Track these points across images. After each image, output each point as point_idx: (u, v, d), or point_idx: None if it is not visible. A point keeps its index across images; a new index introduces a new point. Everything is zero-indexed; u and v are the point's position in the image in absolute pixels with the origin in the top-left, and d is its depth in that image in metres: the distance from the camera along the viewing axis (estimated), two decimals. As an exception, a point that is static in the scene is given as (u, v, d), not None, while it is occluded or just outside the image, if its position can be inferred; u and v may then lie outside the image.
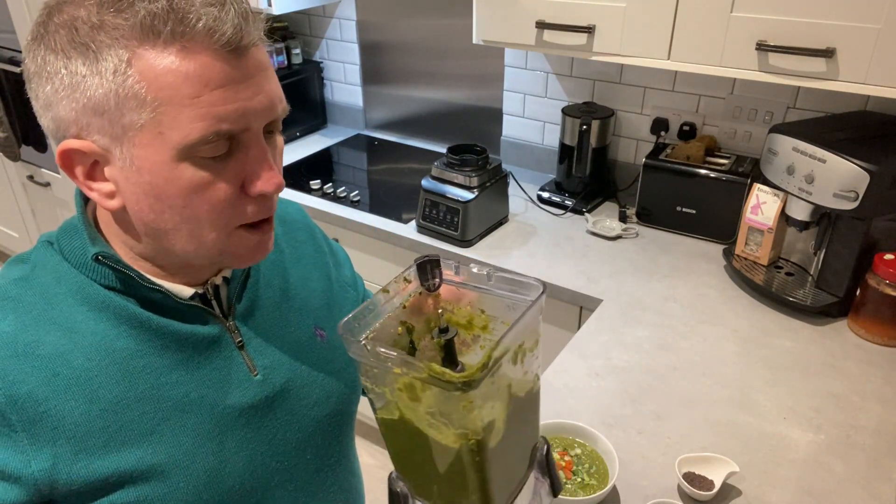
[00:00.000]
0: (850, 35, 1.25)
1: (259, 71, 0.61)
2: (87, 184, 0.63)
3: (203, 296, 0.73)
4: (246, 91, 0.60)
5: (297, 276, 0.85)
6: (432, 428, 0.62)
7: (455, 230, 1.71)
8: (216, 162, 0.61)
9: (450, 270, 0.70)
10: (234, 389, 0.73)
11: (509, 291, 0.68)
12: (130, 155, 0.60)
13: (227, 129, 0.59)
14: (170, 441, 0.68)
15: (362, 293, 1.00)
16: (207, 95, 0.58)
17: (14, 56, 2.50)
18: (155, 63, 0.57)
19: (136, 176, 0.61)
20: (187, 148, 0.59)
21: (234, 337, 0.74)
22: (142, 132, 0.58)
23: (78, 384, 0.64)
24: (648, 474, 1.06)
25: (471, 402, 0.57)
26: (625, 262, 1.65)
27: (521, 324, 0.61)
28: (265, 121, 0.63)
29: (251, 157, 0.63)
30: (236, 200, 0.64)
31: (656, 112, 1.88)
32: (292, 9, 2.18)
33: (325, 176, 2.15)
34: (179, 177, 0.60)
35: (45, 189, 2.76)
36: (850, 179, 1.30)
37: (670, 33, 1.45)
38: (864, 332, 1.37)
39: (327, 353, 0.83)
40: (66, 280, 0.67)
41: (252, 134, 0.62)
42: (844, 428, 1.14)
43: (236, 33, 0.58)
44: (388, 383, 0.63)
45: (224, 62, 0.58)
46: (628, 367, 1.30)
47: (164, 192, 0.61)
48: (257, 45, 0.62)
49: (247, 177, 0.63)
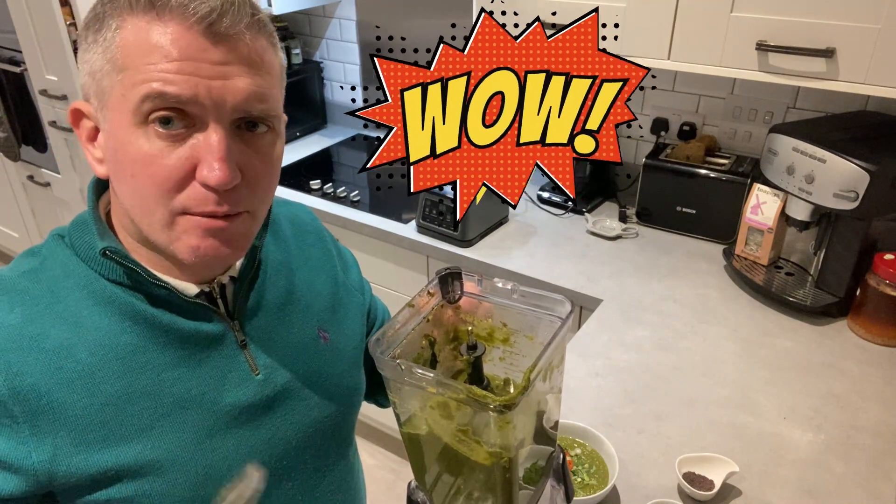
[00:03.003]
0: (850, 35, 1.25)
1: (240, 62, 0.61)
2: (87, 146, 0.67)
3: (209, 294, 0.73)
4: (210, 71, 0.60)
5: (304, 277, 0.85)
6: (462, 444, 0.63)
7: (455, 230, 1.71)
8: (171, 138, 0.61)
9: (472, 283, 0.71)
10: (234, 388, 0.73)
11: (533, 307, 0.69)
12: (106, 118, 0.63)
13: (169, 92, 0.59)
14: (169, 437, 0.68)
15: (369, 298, 1.00)
16: (161, 62, 0.59)
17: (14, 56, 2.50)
18: (132, 30, 0.60)
19: (109, 140, 0.64)
20: (137, 109, 0.60)
21: (237, 336, 0.74)
22: (112, 95, 0.61)
23: (81, 378, 0.65)
24: (648, 474, 1.06)
25: (507, 423, 0.58)
26: (625, 262, 1.65)
27: (554, 343, 0.62)
28: (233, 111, 0.62)
29: (207, 144, 0.61)
30: (182, 181, 0.62)
31: (656, 112, 1.88)
32: (292, 9, 2.18)
33: (324, 176, 2.15)
34: (133, 143, 0.61)
35: (45, 189, 2.76)
36: (850, 179, 1.30)
37: (670, 33, 1.44)
38: (864, 332, 1.37)
39: (330, 355, 0.83)
40: (74, 274, 0.68)
41: (214, 120, 0.61)
42: (844, 428, 1.14)
43: (211, 13, 0.59)
44: (419, 400, 0.63)
45: (194, 39, 0.59)
46: (628, 367, 1.30)
47: (121, 159, 0.63)
48: (245, 39, 0.61)
49: (198, 163, 0.62)
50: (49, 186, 2.74)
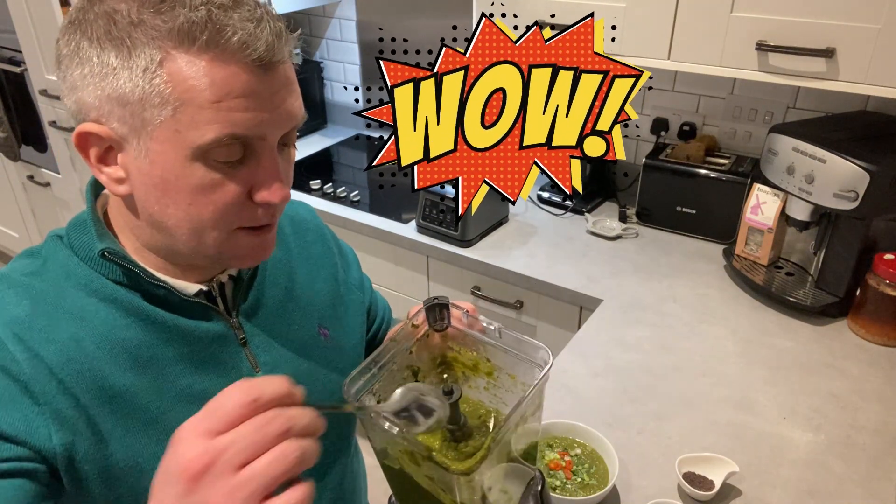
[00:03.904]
0: (850, 35, 1.25)
1: (283, 86, 0.64)
2: (98, 167, 0.65)
3: (208, 293, 0.74)
4: (267, 104, 0.62)
5: (304, 275, 0.86)
6: (432, 487, 0.63)
7: (455, 230, 1.71)
8: (228, 166, 0.63)
9: (459, 314, 0.72)
10: None
11: (515, 350, 0.70)
12: (146, 148, 0.62)
13: (241, 133, 0.61)
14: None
15: (369, 295, 1.00)
16: (228, 102, 0.60)
17: (14, 56, 2.50)
18: (185, 67, 0.59)
19: (149, 168, 0.62)
20: (201, 149, 0.61)
21: (237, 334, 0.75)
22: (160, 128, 0.60)
23: (90, 370, 0.65)
24: (648, 474, 1.06)
25: (471, 482, 0.59)
26: (625, 262, 1.65)
27: (522, 406, 0.62)
28: (281, 132, 0.65)
29: (262, 167, 0.65)
30: (241, 205, 0.65)
31: (656, 112, 1.88)
32: (292, 9, 2.18)
33: (325, 176, 2.15)
34: (190, 175, 0.62)
35: (45, 189, 2.76)
36: (850, 179, 1.30)
37: (670, 33, 1.45)
38: (864, 332, 1.37)
39: (330, 352, 0.84)
40: (75, 274, 0.69)
41: (266, 144, 0.64)
42: (844, 428, 1.14)
43: (268, 50, 0.60)
44: (389, 444, 0.64)
45: (251, 74, 0.60)
46: (628, 367, 1.30)
47: (172, 188, 0.63)
48: (286, 62, 0.64)
49: (255, 184, 0.65)
50: (49, 186, 2.74)
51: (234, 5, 0.60)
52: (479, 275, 1.71)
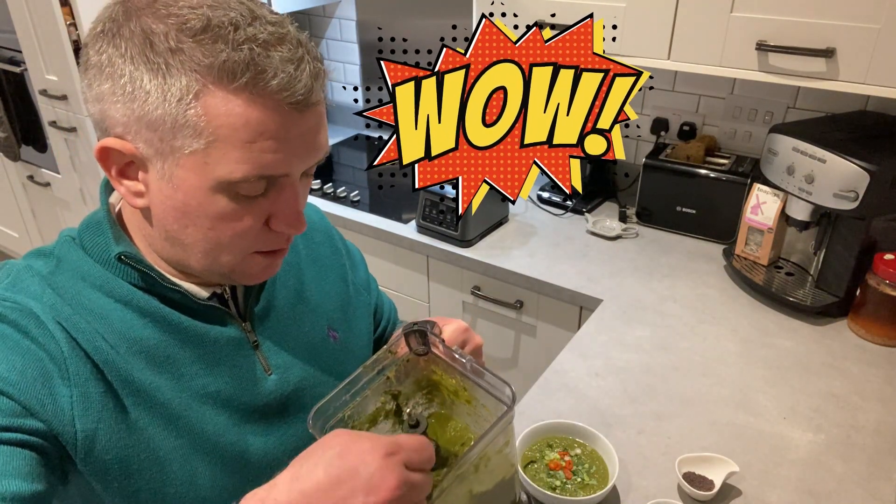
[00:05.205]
0: (850, 35, 1.25)
1: (315, 125, 0.64)
2: (118, 179, 0.65)
3: (220, 296, 0.75)
4: (297, 144, 0.63)
5: (313, 277, 0.86)
6: None
7: (455, 230, 1.71)
8: (250, 198, 0.64)
9: (437, 341, 0.71)
10: (249, 387, 0.75)
11: (485, 384, 0.69)
12: (171, 173, 0.62)
13: (269, 174, 0.62)
14: (192, 429, 0.70)
15: (375, 295, 1.01)
16: (261, 143, 0.60)
17: (14, 56, 2.49)
18: (221, 103, 0.58)
19: (171, 191, 0.63)
20: (228, 184, 0.61)
21: (249, 337, 0.76)
22: (189, 157, 0.60)
23: (113, 364, 0.66)
24: (648, 474, 1.06)
25: None
26: (625, 262, 1.65)
27: (478, 447, 0.62)
28: (305, 168, 0.66)
29: (283, 198, 0.65)
30: (259, 230, 0.66)
31: (656, 112, 1.88)
32: (292, 9, 2.18)
33: (324, 176, 2.15)
34: (213, 204, 0.63)
35: (45, 189, 2.76)
36: (850, 179, 1.30)
37: (670, 33, 1.45)
38: (864, 332, 1.37)
39: (340, 354, 0.85)
40: (90, 275, 0.69)
41: (290, 179, 0.65)
42: (844, 428, 1.14)
43: (306, 94, 0.61)
44: None
45: (286, 116, 0.61)
46: (628, 367, 1.30)
47: (193, 213, 0.63)
48: (321, 103, 0.64)
49: (274, 213, 0.66)
50: (49, 186, 2.73)
51: (277, 42, 0.60)
52: (479, 275, 1.71)
